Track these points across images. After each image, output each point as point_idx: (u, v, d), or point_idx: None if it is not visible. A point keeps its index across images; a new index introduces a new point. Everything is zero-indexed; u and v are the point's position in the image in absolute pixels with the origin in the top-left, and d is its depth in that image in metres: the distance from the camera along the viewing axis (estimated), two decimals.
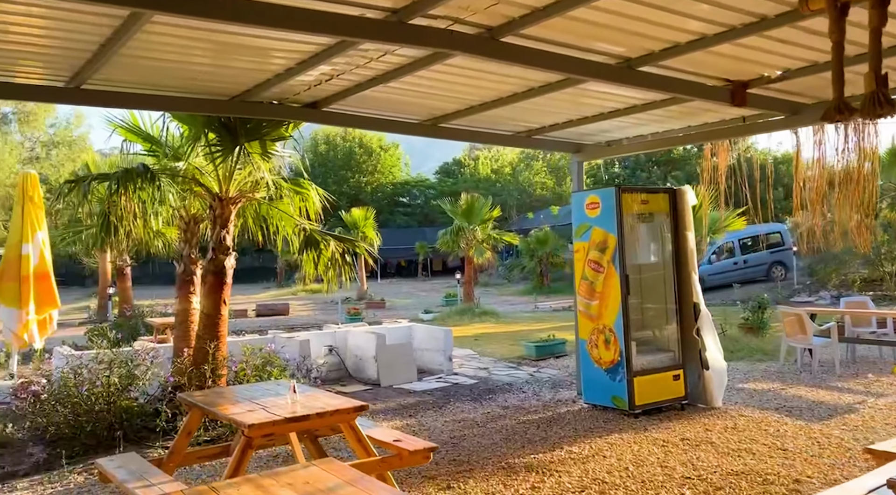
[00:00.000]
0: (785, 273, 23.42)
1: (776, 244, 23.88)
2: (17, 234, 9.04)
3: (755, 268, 23.45)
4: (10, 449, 6.25)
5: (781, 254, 23.66)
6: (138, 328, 13.21)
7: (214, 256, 6.63)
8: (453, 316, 18.07)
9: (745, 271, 23.29)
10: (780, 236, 23.99)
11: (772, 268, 23.64)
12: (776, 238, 24.06)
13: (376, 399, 8.15)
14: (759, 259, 23.65)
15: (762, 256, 23.73)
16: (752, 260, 23.58)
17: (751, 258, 23.62)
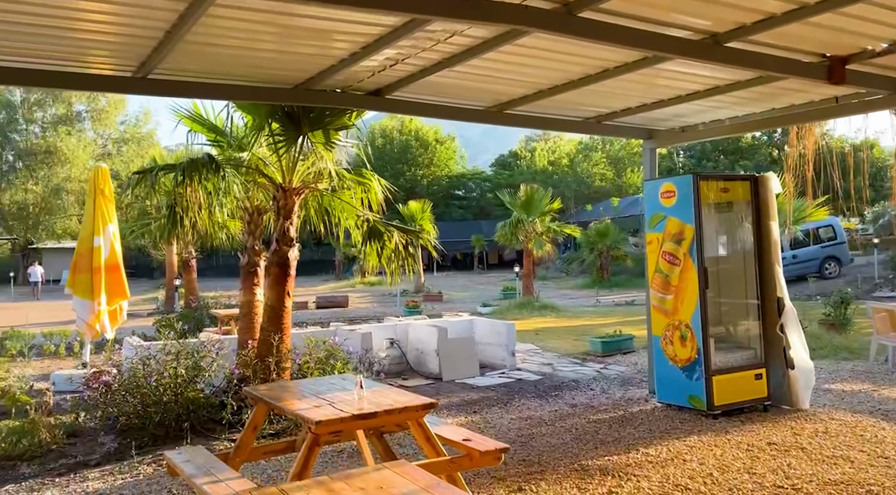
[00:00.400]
0: (838, 268, 22.34)
1: (829, 238, 22.75)
2: (89, 227, 9.26)
3: (806, 264, 22.03)
4: (83, 439, 6.35)
5: (834, 249, 22.51)
6: (203, 319, 13.45)
7: (278, 248, 6.56)
8: (512, 309, 17.78)
9: (795, 267, 22.13)
10: (833, 230, 22.80)
11: (824, 264, 22.45)
12: (828, 233, 22.92)
13: (439, 393, 7.98)
14: (811, 254, 22.38)
15: (813, 251, 22.46)
16: (803, 255, 22.27)
17: (801, 253, 22.27)
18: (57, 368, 10.49)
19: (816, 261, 22.30)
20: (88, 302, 8.84)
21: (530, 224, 18.84)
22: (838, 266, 22.41)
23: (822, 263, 22.32)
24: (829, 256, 22.52)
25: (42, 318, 20.37)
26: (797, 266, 22.08)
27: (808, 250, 22.48)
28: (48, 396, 6.99)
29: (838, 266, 22.41)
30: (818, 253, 22.57)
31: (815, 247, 22.49)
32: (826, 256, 22.47)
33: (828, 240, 22.60)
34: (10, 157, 42.96)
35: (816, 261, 22.30)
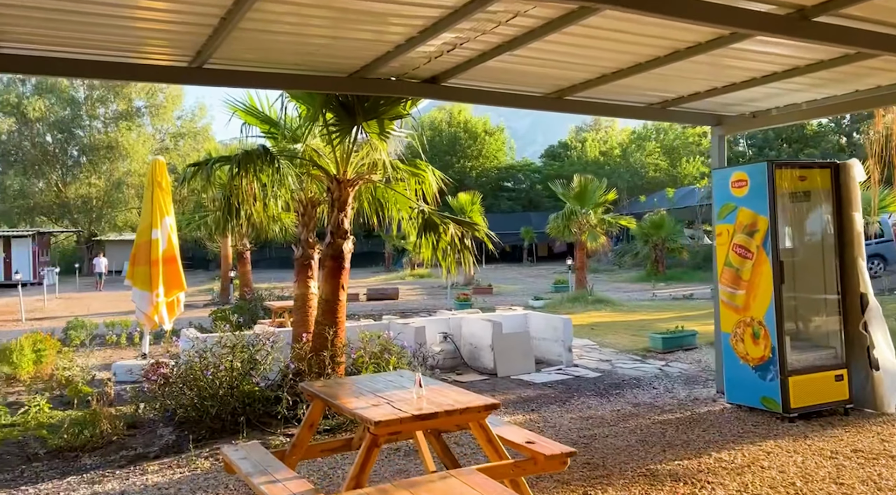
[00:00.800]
0: (883, 267, 21.25)
1: (875, 235, 21.75)
2: (148, 219, 9.37)
3: None
4: (142, 430, 6.39)
5: (881, 247, 21.37)
6: (257, 311, 13.57)
7: (333, 240, 6.45)
8: (565, 303, 17.42)
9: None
10: (880, 227, 21.93)
11: (870, 261, 21.62)
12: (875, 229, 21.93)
13: (494, 390, 7.78)
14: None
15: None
16: None
17: None
18: (118, 358, 10.72)
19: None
20: (147, 293, 8.96)
21: (584, 216, 18.39)
22: (883, 264, 21.26)
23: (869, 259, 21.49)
24: (875, 254, 21.29)
25: (104, 308, 21.04)
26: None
27: None
28: (109, 387, 7.09)
29: (883, 264, 21.26)
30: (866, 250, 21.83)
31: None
32: (872, 254, 21.57)
33: (875, 237, 21.67)
34: (75, 152, 44.57)
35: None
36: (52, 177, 44.04)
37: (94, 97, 43.73)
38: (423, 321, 9.15)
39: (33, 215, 43.02)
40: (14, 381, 8.93)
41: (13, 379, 9.01)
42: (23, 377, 8.95)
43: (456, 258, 6.43)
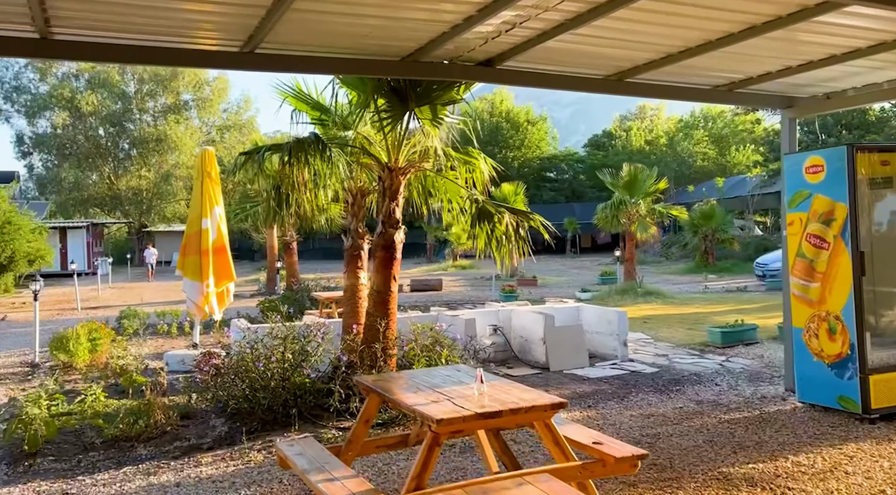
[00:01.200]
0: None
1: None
2: (198, 209, 9.38)
3: None
4: (195, 421, 6.37)
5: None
6: (304, 301, 13.59)
7: (384, 230, 6.30)
8: (614, 295, 17.01)
9: None
10: None
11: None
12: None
13: (548, 384, 7.54)
14: None
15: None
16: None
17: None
18: (169, 348, 10.83)
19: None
20: (197, 283, 8.99)
21: (633, 205, 17.91)
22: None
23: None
24: None
25: (155, 298, 21.48)
26: None
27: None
28: (162, 377, 7.10)
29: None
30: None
31: None
32: None
33: None
34: (126, 145, 45.71)
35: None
36: (105, 170, 45.30)
37: (143, 91, 44.74)
38: (473, 313, 8.95)
39: (87, 207, 44.35)
40: (70, 369, 9.07)
41: (69, 367, 9.17)
42: (79, 365, 9.10)
43: (510, 248, 6.19)
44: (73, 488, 4.81)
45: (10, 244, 20.02)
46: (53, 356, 9.46)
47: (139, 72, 44.19)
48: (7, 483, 4.94)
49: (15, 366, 9.82)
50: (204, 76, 45.68)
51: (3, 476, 5.08)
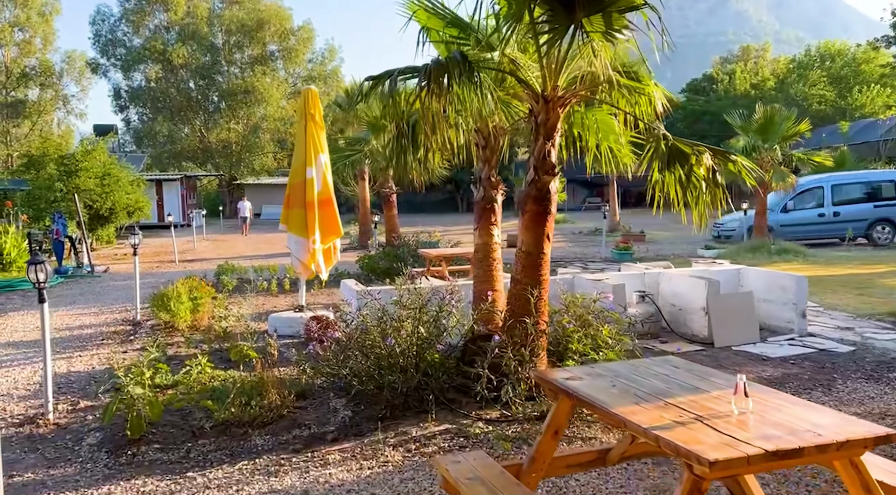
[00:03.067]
0: (893, 234, 17.83)
1: (888, 197, 17.95)
2: (301, 157, 8.42)
3: (849, 225, 17.63)
4: (313, 402, 5.48)
5: (890, 210, 17.81)
6: (406, 258, 12.65)
7: (537, 177, 5.07)
8: (743, 253, 15.20)
9: (834, 226, 17.75)
10: (894, 186, 18.08)
11: (873, 227, 17.81)
12: (889, 190, 18.13)
13: (720, 365, 6.23)
14: (857, 213, 17.87)
15: (862, 210, 17.92)
16: (848, 213, 17.84)
17: (847, 211, 17.87)
18: (271, 307, 10.15)
19: (864, 223, 17.80)
20: (303, 239, 8.11)
21: (768, 151, 15.84)
22: (893, 231, 17.78)
23: (870, 226, 17.83)
24: (883, 218, 17.83)
25: (249, 251, 21.26)
26: (838, 226, 17.71)
27: (856, 208, 18.01)
28: (272, 346, 6.25)
29: (893, 231, 17.78)
30: (868, 212, 17.88)
31: (866, 204, 18.01)
32: (878, 218, 17.82)
33: (886, 199, 17.89)
34: (215, 98, 46.09)
35: (864, 223, 17.80)
36: (196, 123, 45.97)
37: (231, 43, 44.72)
38: (617, 277, 7.66)
39: (180, 160, 45.28)
40: (172, 330, 8.48)
41: (171, 327, 8.58)
42: (180, 326, 8.48)
43: (705, 199, 4.83)
44: (182, 490, 3.98)
45: (111, 196, 20.09)
46: (155, 314, 8.92)
47: (226, 22, 44.09)
48: (108, 478, 4.18)
49: (117, 323, 9.36)
50: (289, 26, 45.10)
51: (104, 468, 4.33)
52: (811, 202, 18.35)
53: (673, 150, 4.84)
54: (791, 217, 18.04)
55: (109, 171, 20.56)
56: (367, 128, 14.03)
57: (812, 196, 18.39)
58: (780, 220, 17.75)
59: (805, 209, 18.27)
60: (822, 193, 18.29)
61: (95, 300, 11.57)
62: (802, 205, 18.35)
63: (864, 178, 18.77)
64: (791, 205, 18.24)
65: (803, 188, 18.15)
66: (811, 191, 18.39)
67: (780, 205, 17.95)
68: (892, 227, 17.98)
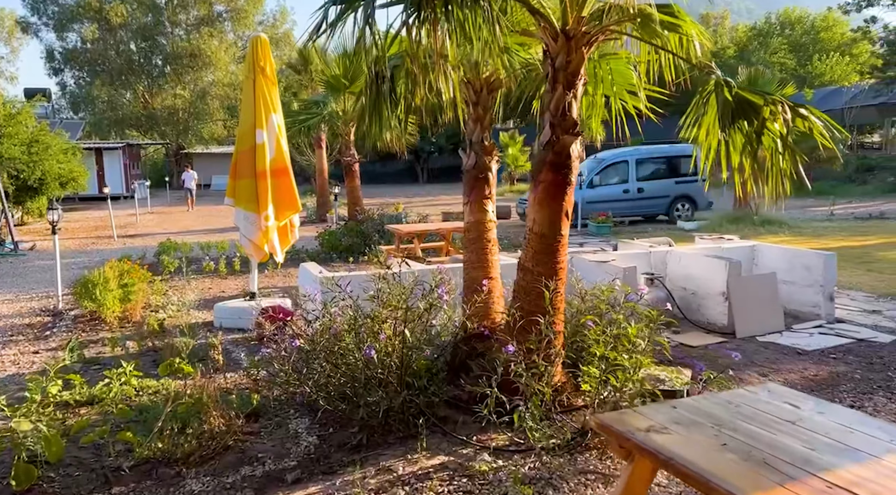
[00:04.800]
0: (692, 212, 16.73)
1: (687, 173, 16.67)
2: (250, 118, 7.10)
3: (652, 202, 16.69)
4: (266, 422, 4.33)
5: (691, 187, 16.61)
6: (371, 234, 11.46)
7: (555, 138, 3.96)
8: (725, 224, 14.52)
9: (639, 203, 16.62)
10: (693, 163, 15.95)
11: (675, 205, 16.71)
12: (688, 164, 16.68)
13: (752, 362, 5.32)
14: (661, 189, 16.73)
15: (665, 186, 16.77)
16: (652, 190, 16.73)
17: (649, 187, 16.75)
18: (218, 291, 8.88)
19: (666, 200, 16.74)
20: (254, 215, 6.86)
21: None
22: (692, 208, 16.83)
23: (672, 203, 16.75)
24: (683, 195, 16.77)
25: (197, 224, 19.70)
26: (642, 203, 16.59)
27: (659, 184, 16.78)
28: (216, 351, 5.06)
29: (692, 208, 16.83)
30: (670, 188, 16.79)
31: (669, 180, 16.85)
32: (679, 195, 16.74)
33: (686, 175, 16.69)
34: (159, 62, 43.32)
35: (666, 200, 16.74)
36: (139, 88, 43.21)
37: (174, 2, 41.88)
38: (622, 257, 6.65)
39: (122, 127, 42.54)
40: (97, 324, 7.17)
41: (98, 320, 7.26)
42: (108, 318, 7.17)
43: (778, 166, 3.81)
44: None
45: (40, 165, 18.19)
46: (80, 302, 7.58)
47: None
48: None
49: (34, 313, 7.98)
50: None
51: None
52: (616, 177, 16.79)
53: (741, 101, 3.77)
54: (597, 193, 16.36)
55: (38, 138, 18.60)
56: (325, 89, 12.65)
57: (617, 171, 16.84)
58: (587, 197, 16.01)
59: (610, 185, 16.66)
60: (626, 168, 16.80)
61: (13, 284, 10.09)
62: (608, 180, 16.73)
63: (665, 152, 17.19)
64: (597, 180, 16.63)
65: (608, 162, 16.77)
66: (616, 166, 16.83)
67: (586, 181, 16.35)
68: (691, 205, 16.80)
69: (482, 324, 4.90)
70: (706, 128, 3.98)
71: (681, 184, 16.75)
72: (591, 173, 16.57)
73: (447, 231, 9.40)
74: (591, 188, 16.42)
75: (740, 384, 4.79)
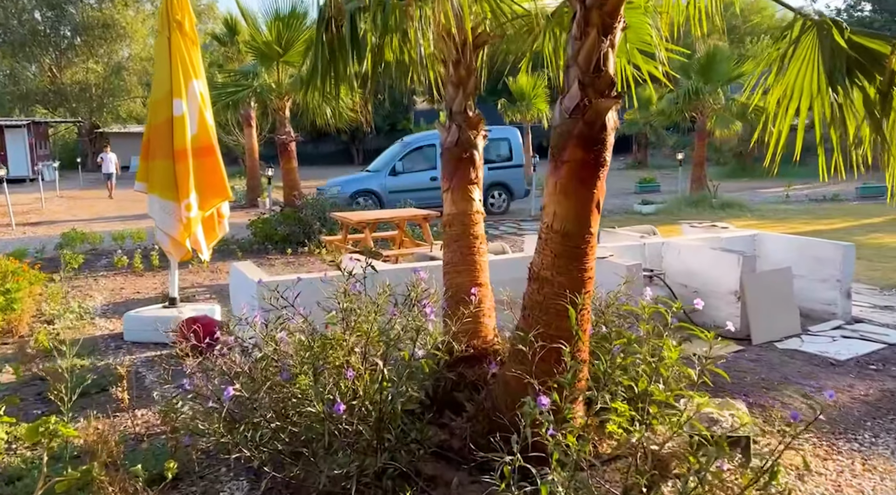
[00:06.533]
0: (508, 202, 15.36)
1: (501, 158, 15.27)
2: (165, 83, 5.74)
3: None
4: (190, 486, 3.15)
5: (507, 174, 15.18)
6: (311, 222, 10.20)
7: (585, 101, 2.92)
8: (684, 208, 13.95)
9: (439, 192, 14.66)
10: (509, 145, 15.31)
11: (489, 193, 14.93)
12: (501, 149, 15.35)
13: (784, 378, 4.49)
14: None
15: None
16: None
17: None
18: (131, 292, 7.49)
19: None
20: (171, 204, 5.59)
21: (710, 95, 14.50)
22: (508, 198, 15.35)
23: (486, 191, 14.63)
24: (498, 183, 15.10)
25: (111, 210, 17.78)
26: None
27: None
28: (122, 388, 3.82)
29: (508, 198, 15.35)
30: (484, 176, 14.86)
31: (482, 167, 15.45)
32: (493, 182, 14.95)
33: (500, 160, 15.19)
34: (69, 33, 39.80)
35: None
36: (45, 61, 39.60)
37: None
38: (612, 250, 5.71)
39: (27, 103, 38.96)
40: None
41: None
42: None
43: None
44: None
45: None
46: None
47: None
48: None
49: None
50: None
51: None
52: (423, 164, 14.78)
53: (856, 48, 2.81)
54: (401, 181, 14.22)
55: None
56: (255, 58, 11.20)
57: (423, 156, 14.88)
58: (389, 186, 14.15)
59: (416, 171, 14.62)
60: (433, 153, 14.70)
61: None
62: (414, 166, 14.75)
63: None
64: (400, 166, 14.64)
65: (414, 146, 14.98)
66: (422, 151, 14.92)
67: (388, 167, 14.55)
68: (507, 193, 15.24)
69: (471, 343, 3.87)
70: (786, 89, 3.02)
71: (495, 170, 14.77)
72: (395, 159, 14.75)
73: (402, 219, 8.28)
74: (394, 175, 14.41)
75: (786, 408, 3.94)
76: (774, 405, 4.01)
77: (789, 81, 3.05)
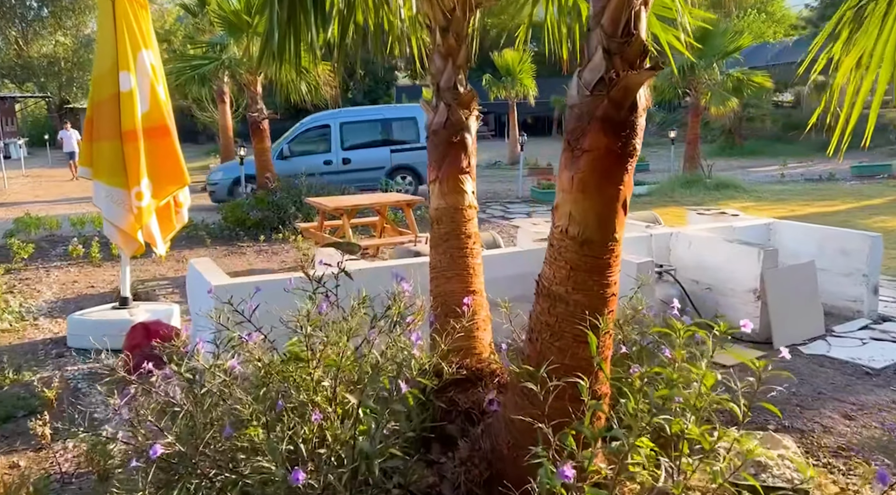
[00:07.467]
0: (416, 186, 14.09)
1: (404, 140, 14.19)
2: (110, 54, 5.00)
3: (364, 175, 13.47)
4: None
5: (414, 156, 13.86)
6: (287, 206, 9.51)
7: (612, 74, 2.29)
8: (678, 188, 13.42)
9: (347, 177, 13.11)
10: (415, 126, 14.05)
11: (393, 177, 13.83)
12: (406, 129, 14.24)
13: (816, 393, 3.97)
14: (374, 160, 13.78)
15: (379, 156, 13.89)
16: (361, 160, 13.72)
17: (358, 158, 13.76)
18: (86, 286, 6.81)
19: (382, 172, 13.76)
20: (120, 192, 4.92)
21: (706, 71, 13.89)
22: (416, 182, 14.12)
23: (390, 175, 13.85)
24: (403, 166, 14.01)
25: (79, 191, 16.88)
26: (350, 177, 13.17)
27: (371, 154, 13.88)
28: (44, 421, 3.19)
29: (416, 182, 14.12)
30: (385, 159, 13.93)
31: (384, 149, 14.03)
32: (398, 166, 13.95)
33: (405, 143, 14.13)
34: (35, 4, 38.15)
35: (382, 172, 13.76)
36: (11, 33, 37.96)
37: None
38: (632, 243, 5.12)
39: None
40: None
41: None
42: None
43: None
44: None
45: None
46: None
47: None
48: None
49: None
50: None
51: None
52: (316, 146, 13.80)
53: None
54: (291, 165, 12.71)
55: None
56: (224, 29, 10.39)
57: (317, 138, 13.88)
58: (281, 171, 12.13)
59: (309, 155, 13.50)
60: (329, 134, 13.79)
61: None
62: (306, 149, 13.69)
63: (378, 115, 14.53)
64: (288, 150, 13.47)
65: (305, 127, 13.87)
66: (315, 132, 13.88)
67: (276, 151, 13.02)
68: (414, 177, 14.04)
69: (463, 363, 3.28)
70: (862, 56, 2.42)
71: (399, 152, 13.94)
72: (283, 141, 13.67)
73: (383, 205, 7.63)
74: (283, 159, 13.05)
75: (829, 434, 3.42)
76: (814, 429, 3.48)
77: (867, 47, 2.46)
